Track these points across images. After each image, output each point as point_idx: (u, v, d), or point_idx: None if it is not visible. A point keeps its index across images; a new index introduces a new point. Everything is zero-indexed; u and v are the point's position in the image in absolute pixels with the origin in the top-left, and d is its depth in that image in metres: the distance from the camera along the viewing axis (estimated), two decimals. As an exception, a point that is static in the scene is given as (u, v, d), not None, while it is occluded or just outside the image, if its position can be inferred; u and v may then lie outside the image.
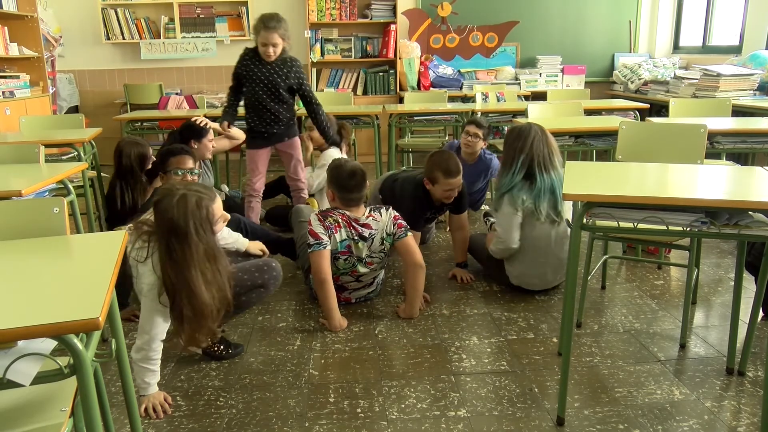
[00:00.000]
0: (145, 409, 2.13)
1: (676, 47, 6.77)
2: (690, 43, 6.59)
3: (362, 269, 2.86)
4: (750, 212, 1.86)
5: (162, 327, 2.09)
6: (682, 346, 2.55)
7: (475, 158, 4.01)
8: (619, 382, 2.28)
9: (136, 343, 2.10)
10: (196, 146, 3.62)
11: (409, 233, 2.86)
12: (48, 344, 1.34)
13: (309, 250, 2.74)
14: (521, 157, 2.94)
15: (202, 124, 3.68)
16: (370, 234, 2.81)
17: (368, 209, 2.87)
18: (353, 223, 2.80)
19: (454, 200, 3.20)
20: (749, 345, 2.33)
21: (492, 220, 3.93)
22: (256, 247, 2.85)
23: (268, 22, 3.34)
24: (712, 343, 2.58)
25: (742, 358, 2.33)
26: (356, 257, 2.82)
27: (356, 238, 2.80)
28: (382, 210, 2.88)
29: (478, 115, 4.75)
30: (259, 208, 3.86)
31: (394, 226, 2.85)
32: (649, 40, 6.88)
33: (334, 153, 4.04)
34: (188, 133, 3.68)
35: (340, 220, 2.79)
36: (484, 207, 4.43)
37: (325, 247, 2.72)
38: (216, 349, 2.49)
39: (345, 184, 2.80)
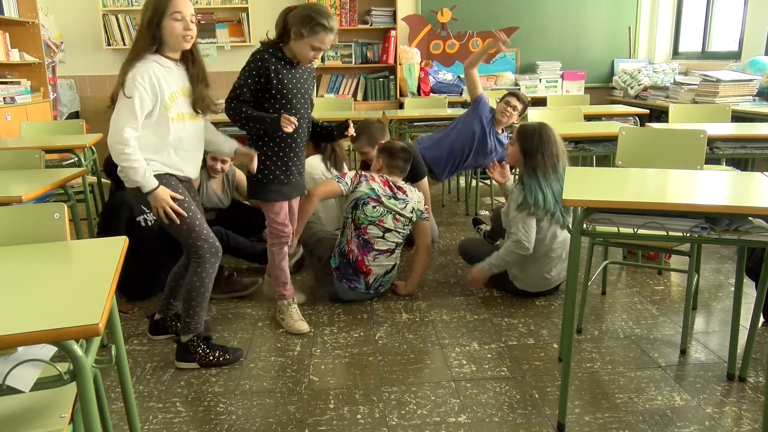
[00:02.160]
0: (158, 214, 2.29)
1: (675, 53, 6.78)
2: (689, 49, 6.60)
3: (390, 223, 3.06)
4: (750, 218, 1.87)
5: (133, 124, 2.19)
6: (683, 352, 2.54)
7: (501, 127, 4.17)
8: (619, 388, 2.27)
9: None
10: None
11: (428, 217, 3.23)
12: (48, 350, 1.34)
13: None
14: (548, 159, 2.91)
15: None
16: (403, 198, 3.10)
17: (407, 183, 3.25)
18: (390, 183, 3.12)
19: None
20: (750, 351, 2.32)
21: (484, 228, 3.92)
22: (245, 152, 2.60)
23: (331, 21, 2.51)
24: (712, 348, 2.57)
25: (742, 364, 2.33)
26: (386, 208, 3.05)
27: (389, 194, 3.08)
28: (414, 188, 3.23)
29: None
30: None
31: (422, 205, 3.18)
32: (648, 46, 6.90)
33: (315, 162, 3.58)
34: None
35: (376, 177, 3.12)
36: (482, 213, 4.43)
37: (340, 183, 3.06)
38: (213, 357, 2.49)
39: (395, 153, 3.22)
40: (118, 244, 1.63)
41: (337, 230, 3.33)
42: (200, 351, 2.47)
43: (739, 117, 4.37)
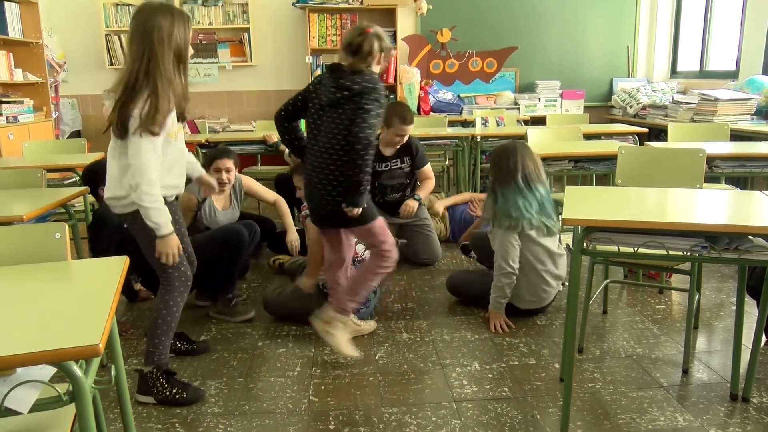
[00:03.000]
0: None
1: (673, 72, 6.83)
2: (687, 68, 6.65)
3: None
4: (750, 237, 1.87)
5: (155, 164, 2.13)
6: (685, 372, 2.53)
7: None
8: (621, 409, 2.26)
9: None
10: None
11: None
12: (47, 371, 1.33)
13: None
14: (518, 176, 2.94)
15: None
16: None
17: None
18: None
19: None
20: (753, 370, 2.31)
21: (475, 255, 3.86)
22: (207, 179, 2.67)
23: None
24: (715, 368, 2.56)
25: (746, 384, 2.31)
26: None
27: None
28: None
29: (478, 139, 4.78)
30: None
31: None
32: (647, 65, 6.95)
33: None
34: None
35: None
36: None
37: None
38: (170, 393, 2.34)
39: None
40: (119, 263, 1.63)
41: None
42: (158, 385, 2.33)
43: (737, 136, 4.39)
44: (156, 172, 2.12)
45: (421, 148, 4.05)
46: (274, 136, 4.69)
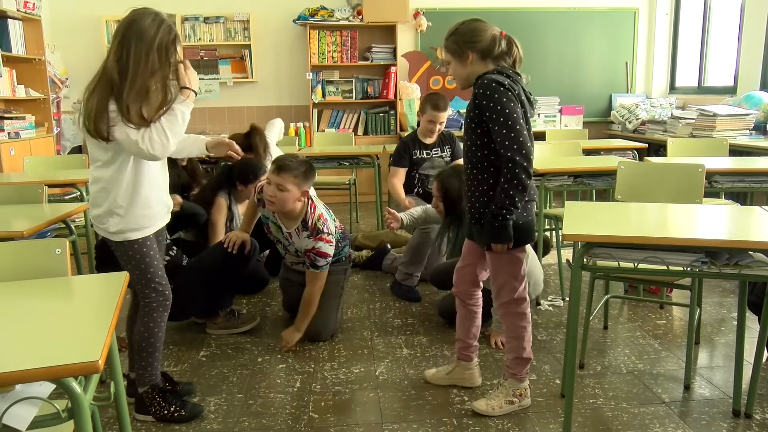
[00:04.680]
0: None
1: (672, 87, 6.88)
2: (686, 84, 6.69)
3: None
4: (750, 252, 1.87)
5: None
6: (687, 388, 2.51)
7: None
8: (623, 425, 2.24)
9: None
10: (240, 188, 3.63)
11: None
12: (46, 387, 1.33)
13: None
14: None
15: None
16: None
17: None
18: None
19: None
20: (755, 386, 2.29)
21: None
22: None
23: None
24: (717, 384, 2.54)
25: (748, 400, 2.30)
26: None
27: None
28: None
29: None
30: None
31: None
32: (645, 81, 7.00)
33: None
34: (240, 172, 3.61)
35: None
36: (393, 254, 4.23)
37: None
38: (168, 411, 2.30)
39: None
40: (119, 279, 1.63)
41: None
42: (155, 404, 2.30)
43: (736, 151, 4.40)
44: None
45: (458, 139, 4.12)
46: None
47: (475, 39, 2.15)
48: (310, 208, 2.92)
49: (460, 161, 3.85)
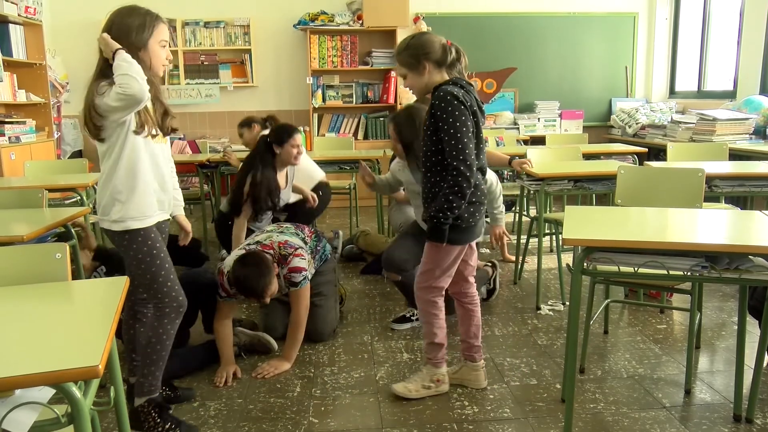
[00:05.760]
0: None
1: (672, 92, 6.89)
2: (685, 88, 6.70)
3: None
4: (750, 256, 1.87)
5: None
6: (687, 392, 2.51)
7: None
8: (623, 430, 2.24)
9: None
10: (278, 151, 3.67)
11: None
12: (46, 392, 1.33)
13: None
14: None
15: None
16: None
17: None
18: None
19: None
20: (756, 391, 2.29)
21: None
22: None
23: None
24: (717, 388, 2.54)
25: (749, 405, 2.29)
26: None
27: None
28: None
29: None
30: None
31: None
32: (645, 85, 7.01)
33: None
34: (275, 134, 3.70)
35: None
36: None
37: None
38: (162, 429, 2.21)
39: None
40: (119, 284, 1.63)
41: None
42: (150, 420, 2.19)
43: (736, 155, 4.41)
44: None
45: None
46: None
47: (428, 50, 2.26)
48: (272, 256, 2.78)
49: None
